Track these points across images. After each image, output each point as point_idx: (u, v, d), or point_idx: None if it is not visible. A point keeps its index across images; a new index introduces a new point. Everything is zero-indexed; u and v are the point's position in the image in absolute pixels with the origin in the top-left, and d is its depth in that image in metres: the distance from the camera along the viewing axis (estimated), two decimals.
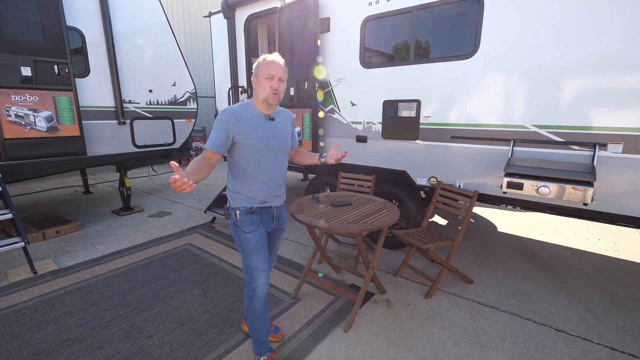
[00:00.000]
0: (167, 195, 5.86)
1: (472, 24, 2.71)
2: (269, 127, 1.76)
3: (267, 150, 1.75)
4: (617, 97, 2.23)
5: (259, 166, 1.76)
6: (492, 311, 2.53)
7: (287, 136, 1.87)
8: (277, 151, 1.80)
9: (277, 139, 1.79)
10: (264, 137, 1.74)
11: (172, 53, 4.69)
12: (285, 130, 1.85)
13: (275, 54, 1.74)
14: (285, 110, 1.91)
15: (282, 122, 1.84)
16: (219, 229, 4.18)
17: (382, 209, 2.48)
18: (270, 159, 1.78)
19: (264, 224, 1.83)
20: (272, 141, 1.77)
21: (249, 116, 1.72)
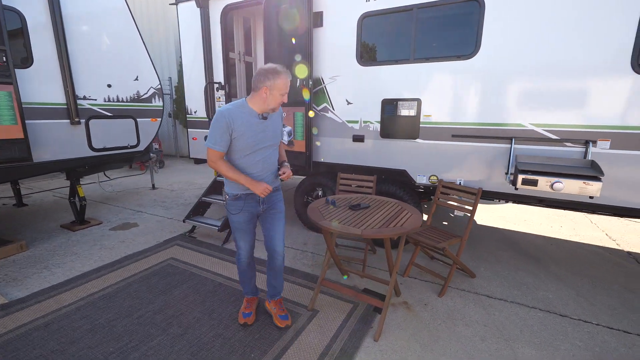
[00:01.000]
0: (126, 203, 5.18)
1: (474, 25, 2.79)
2: (261, 126, 1.98)
3: (258, 146, 1.99)
4: (605, 97, 2.45)
5: (249, 160, 2.00)
6: (502, 303, 2.64)
7: (278, 131, 2.10)
8: (267, 147, 2.04)
9: (269, 135, 2.02)
10: (256, 135, 1.96)
11: (133, 43, 4.13)
12: (275, 125, 2.07)
13: (287, 71, 1.93)
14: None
15: (273, 118, 2.06)
16: (201, 238, 3.79)
17: (401, 211, 2.43)
18: (260, 153, 2.02)
19: (247, 208, 2.11)
20: (263, 138, 1.99)
21: (244, 115, 1.92)
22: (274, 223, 2.20)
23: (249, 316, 2.33)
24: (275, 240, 2.21)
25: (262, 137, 1.99)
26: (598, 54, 2.42)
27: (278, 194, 2.23)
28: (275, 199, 2.20)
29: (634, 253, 3.63)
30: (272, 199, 2.17)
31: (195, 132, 4.66)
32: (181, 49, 4.50)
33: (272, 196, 2.17)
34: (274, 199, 2.19)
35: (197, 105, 4.56)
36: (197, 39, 4.28)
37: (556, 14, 2.49)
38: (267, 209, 2.17)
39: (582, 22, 2.43)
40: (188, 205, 5.07)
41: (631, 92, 2.37)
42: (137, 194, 5.72)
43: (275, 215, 2.19)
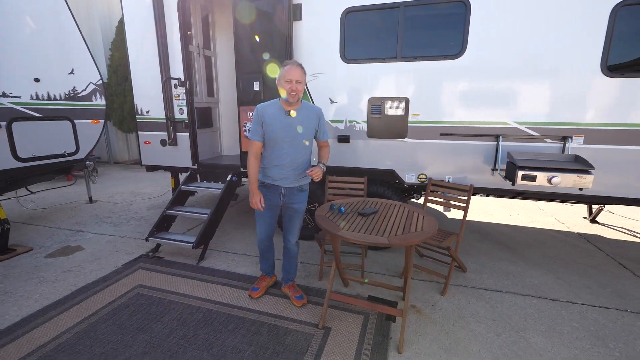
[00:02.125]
0: (59, 222, 4.30)
1: (460, 25, 2.83)
2: (287, 121, 2.19)
3: (282, 140, 2.20)
4: (578, 97, 2.68)
5: (276, 152, 2.24)
6: (499, 295, 2.74)
7: (308, 130, 2.24)
8: (292, 142, 2.20)
9: (294, 131, 2.19)
10: (282, 129, 2.19)
11: (66, 28, 3.41)
12: (305, 123, 2.22)
13: (293, 61, 2.20)
14: (311, 107, 2.30)
15: (303, 116, 2.22)
16: (169, 258, 3.28)
17: (411, 213, 2.35)
18: (285, 147, 2.22)
19: (268, 196, 2.33)
20: (288, 133, 2.19)
21: (274, 110, 2.21)
22: (290, 220, 2.44)
23: (255, 291, 2.61)
24: (289, 232, 2.47)
25: (287, 131, 2.19)
26: (573, 56, 2.62)
27: (301, 195, 2.38)
28: (296, 198, 2.36)
29: (583, 234, 4.12)
30: (293, 197, 2.34)
31: (149, 135, 4.05)
32: (127, 40, 3.85)
33: (294, 194, 2.34)
34: (295, 198, 2.35)
35: (149, 104, 3.97)
36: (148, 29, 3.70)
37: (537, 19, 2.64)
38: (288, 204, 2.36)
39: (560, 25, 2.61)
40: (141, 220, 4.41)
41: (600, 92, 2.62)
42: (71, 210, 4.80)
43: (293, 214, 2.41)
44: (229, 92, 4.71)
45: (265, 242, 2.57)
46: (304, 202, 2.47)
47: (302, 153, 2.31)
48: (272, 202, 2.36)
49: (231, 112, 4.78)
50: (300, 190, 2.40)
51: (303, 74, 2.16)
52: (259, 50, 3.35)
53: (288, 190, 2.33)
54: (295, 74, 2.11)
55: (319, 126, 2.33)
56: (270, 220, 2.47)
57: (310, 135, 2.31)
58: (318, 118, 2.29)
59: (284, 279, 2.66)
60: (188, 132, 3.89)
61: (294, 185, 2.34)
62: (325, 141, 2.38)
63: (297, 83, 2.12)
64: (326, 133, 2.37)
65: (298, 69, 2.14)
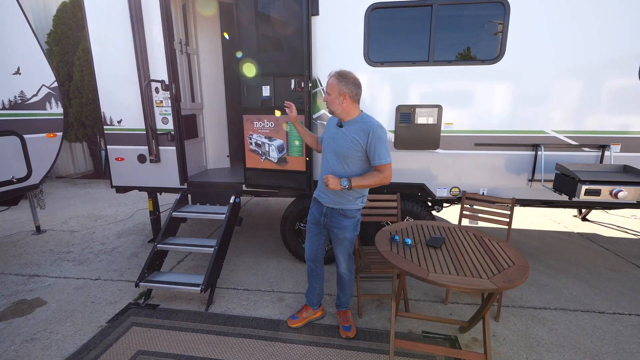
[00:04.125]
0: (1, 264, 3.34)
1: (499, 28, 2.63)
2: (335, 132, 2.05)
3: (326, 149, 2.10)
4: (615, 104, 2.62)
5: (322, 162, 2.16)
6: (550, 313, 2.59)
7: (347, 144, 1.96)
8: (331, 153, 2.04)
9: (335, 142, 2.02)
10: (328, 138, 2.09)
11: (9, 17, 2.58)
12: (346, 138, 1.96)
13: (334, 71, 1.98)
14: (365, 122, 1.95)
15: (348, 130, 1.98)
16: (166, 305, 2.65)
17: (483, 239, 2.08)
18: (324, 156, 2.12)
19: (314, 211, 2.24)
20: (331, 143, 2.05)
21: (332, 121, 2.11)
22: (335, 245, 2.22)
23: (295, 319, 2.40)
24: (337, 259, 2.24)
25: (330, 141, 2.06)
26: (614, 62, 2.55)
27: (343, 220, 2.10)
28: (337, 223, 2.11)
29: (583, 234, 4.24)
30: (334, 220, 2.12)
31: (121, 150, 3.32)
32: (89, 36, 3.07)
33: (335, 217, 2.11)
34: (336, 222, 2.12)
35: (121, 112, 3.24)
36: (118, 21, 2.99)
37: (581, 21, 2.52)
38: (329, 226, 2.17)
39: (602, 30, 2.52)
40: (114, 254, 3.62)
41: (638, 100, 2.58)
42: (14, 246, 3.80)
43: (335, 240, 2.19)
44: (213, 96, 4.09)
45: (310, 265, 2.36)
46: (347, 229, 2.12)
47: (342, 170, 2.01)
48: (316, 218, 2.21)
49: (216, 118, 4.17)
50: (343, 215, 2.10)
51: (334, 85, 1.93)
52: (270, 50, 2.86)
53: (329, 210, 2.13)
54: (326, 84, 2.01)
55: (368, 146, 1.91)
56: (315, 238, 2.27)
57: (354, 152, 1.96)
58: (367, 135, 1.90)
59: (336, 304, 2.46)
60: (174, 146, 3.24)
61: (334, 207, 2.09)
62: (378, 165, 1.91)
63: (327, 94, 1.98)
64: (379, 155, 1.89)
65: (329, 79, 1.98)
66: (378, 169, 1.94)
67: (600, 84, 2.61)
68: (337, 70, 1.96)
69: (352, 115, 1.98)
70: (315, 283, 2.38)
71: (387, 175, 1.93)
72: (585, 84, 2.63)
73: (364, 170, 2.01)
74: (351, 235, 2.13)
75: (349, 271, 2.26)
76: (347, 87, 1.91)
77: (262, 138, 3.00)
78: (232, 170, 4.10)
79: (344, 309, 2.41)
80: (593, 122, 2.67)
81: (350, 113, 1.97)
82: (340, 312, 2.42)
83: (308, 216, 2.30)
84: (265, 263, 3.39)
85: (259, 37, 2.85)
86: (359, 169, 1.99)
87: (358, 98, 1.96)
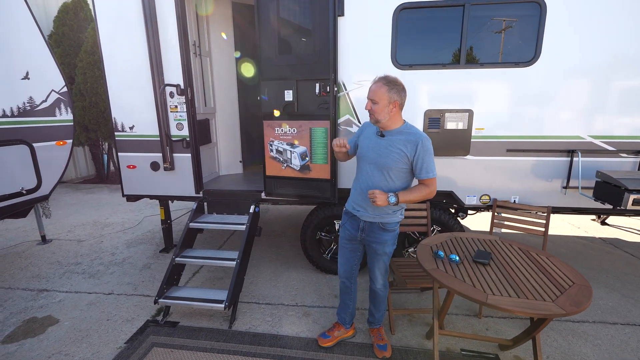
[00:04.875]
0: (8, 278, 3.18)
1: (534, 29, 2.51)
2: (375, 142, 1.90)
3: (364, 160, 1.94)
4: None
5: (358, 173, 2.02)
6: (590, 327, 2.48)
7: (392, 155, 1.82)
8: (372, 164, 1.89)
9: (375, 153, 1.87)
10: (366, 147, 1.93)
11: (17, 18, 2.43)
12: (391, 149, 1.83)
13: (381, 75, 1.86)
14: (412, 133, 1.83)
15: (393, 141, 1.84)
16: (186, 322, 2.51)
17: (530, 254, 1.96)
18: (363, 168, 1.96)
19: (348, 227, 2.08)
20: (370, 153, 1.90)
21: (370, 130, 1.96)
22: (371, 260, 2.09)
23: (325, 338, 2.26)
24: (372, 274, 2.12)
25: (369, 152, 1.91)
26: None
27: (383, 234, 1.96)
28: (376, 237, 1.97)
29: (605, 238, 4.14)
30: (373, 235, 1.98)
31: (133, 158, 3.17)
32: (99, 38, 2.93)
33: (374, 231, 1.97)
34: (375, 237, 1.97)
35: (134, 118, 3.09)
36: (131, 23, 2.85)
37: (621, 21, 2.41)
38: (367, 241, 2.03)
39: None
40: (125, 265, 3.47)
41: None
42: (19, 257, 3.64)
43: (373, 255, 2.05)
44: (226, 100, 3.95)
45: (344, 282, 2.22)
46: (387, 244, 1.99)
47: (384, 183, 1.88)
48: (352, 233, 2.07)
49: (229, 123, 4.02)
50: (383, 229, 1.96)
51: (383, 93, 1.77)
52: (292, 52, 2.72)
53: (367, 225, 1.99)
54: (370, 91, 1.83)
55: (415, 158, 1.79)
56: (350, 255, 2.13)
57: (399, 164, 1.83)
58: (415, 148, 1.78)
59: (369, 321, 2.34)
60: (190, 153, 3.10)
61: (374, 220, 1.95)
62: (424, 179, 1.81)
63: (372, 103, 1.82)
64: (427, 169, 1.79)
65: (374, 85, 1.83)
66: (424, 183, 1.82)
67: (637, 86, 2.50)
68: (382, 76, 1.82)
69: (396, 125, 1.85)
70: (349, 301, 2.24)
71: (434, 189, 1.81)
72: (624, 87, 2.52)
73: (407, 183, 1.89)
74: (390, 250, 2.01)
75: (385, 287, 2.13)
76: (398, 95, 1.78)
77: (284, 145, 2.87)
78: (245, 177, 3.96)
79: (377, 326, 2.28)
80: (631, 126, 2.57)
81: (396, 122, 1.85)
82: (373, 330, 2.29)
83: (340, 231, 2.16)
84: (284, 274, 3.25)
85: (281, 39, 2.71)
86: (402, 182, 1.87)
87: (404, 105, 1.84)
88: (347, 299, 2.25)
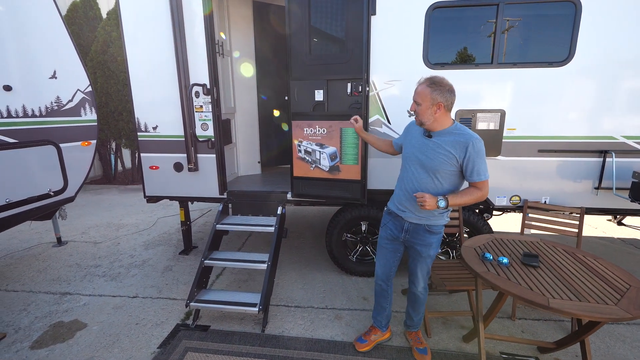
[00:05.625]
0: (28, 281, 3.12)
1: (568, 28, 2.50)
2: (421, 142, 1.86)
3: (410, 160, 1.91)
4: None
5: (403, 173, 1.99)
6: (626, 329, 2.46)
7: (440, 157, 1.78)
8: (418, 165, 1.86)
9: (422, 154, 1.84)
10: (411, 148, 1.91)
11: (45, 15, 2.38)
12: (438, 150, 1.78)
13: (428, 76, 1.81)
14: (462, 134, 1.76)
15: (440, 142, 1.79)
16: (217, 326, 2.46)
17: (574, 256, 1.93)
18: (407, 169, 1.93)
19: (391, 227, 2.05)
20: (417, 154, 1.86)
21: (416, 129, 1.93)
22: (414, 262, 2.05)
23: (362, 343, 2.23)
24: (413, 276, 2.08)
25: (415, 152, 1.87)
26: None
27: (428, 237, 1.92)
28: (421, 239, 1.93)
29: (625, 239, 4.14)
30: (417, 237, 1.94)
31: (156, 158, 3.12)
32: (123, 36, 2.88)
33: (419, 233, 1.93)
34: (419, 239, 1.94)
35: (157, 118, 3.05)
36: (156, 20, 2.80)
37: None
38: (410, 243, 1.99)
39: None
40: (145, 267, 3.42)
41: None
42: (36, 259, 3.58)
43: (416, 257, 2.01)
44: (245, 99, 3.91)
45: (381, 284, 2.18)
46: (432, 246, 1.95)
47: (431, 185, 1.83)
48: (394, 234, 2.03)
49: (249, 122, 3.99)
50: (429, 231, 1.92)
51: (426, 94, 1.74)
52: (323, 51, 2.69)
53: (412, 226, 1.95)
54: (415, 92, 1.83)
55: (465, 161, 1.74)
56: (390, 255, 2.10)
57: (447, 167, 1.78)
58: (465, 149, 1.72)
59: (406, 324, 2.30)
60: (214, 153, 3.05)
61: (419, 222, 1.91)
62: (475, 182, 1.75)
63: (416, 104, 1.80)
64: (478, 172, 1.73)
65: (419, 86, 1.81)
66: (475, 186, 1.77)
67: None
68: (428, 77, 1.78)
69: (444, 125, 1.80)
70: (385, 304, 2.21)
71: (486, 192, 1.77)
72: None
73: (455, 186, 1.85)
74: (434, 253, 1.97)
75: (425, 290, 2.10)
76: (442, 96, 1.72)
77: (313, 145, 2.83)
78: (264, 178, 3.92)
79: (415, 329, 2.25)
80: None
81: (443, 123, 1.79)
82: (411, 334, 2.26)
83: (381, 231, 2.13)
84: (309, 276, 3.22)
85: (312, 38, 2.68)
86: (450, 184, 1.83)
87: (452, 106, 1.80)
88: (384, 302, 2.21)
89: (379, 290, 2.21)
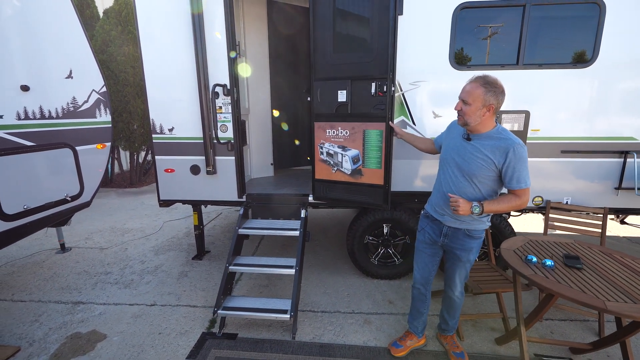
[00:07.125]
0: (36, 289, 2.96)
1: (592, 30, 2.52)
2: (460, 144, 1.82)
3: (448, 162, 1.87)
4: None
5: (440, 175, 1.94)
6: None
7: (477, 162, 1.73)
8: (456, 168, 1.81)
9: (460, 157, 1.80)
10: (449, 149, 1.88)
11: (61, 12, 2.27)
12: (477, 154, 1.73)
13: (478, 75, 1.74)
14: (503, 139, 1.69)
15: (480, 146, 1.74)
16: (245, 333, 2.39)
17: (613, 255, 1.94)
18: (445, 172, 1.89)
19: (429, 231, 2.01)
20: (455, 157, 1.82)
21: (457, 129, 1.89)
22: (452, 266, 2.00)
23: (398, 348, 2.20)
24: (450, 281, 2.03)
25: (453, 154, 1.84)
26: None
27: (468, 241, 1.88)
28: (461, 243, 1.89)
29: (631, 237, 4.23)
30: (457, 241, 1.90)
31: (172, 161, 3.02)
32: (139, 35, 2.77)
33: (459, 238, 1.89)
34: (459, 243, 1.89)
35: (174, 119, 2.95)
36: (175, 19, 2.71)
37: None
38: (449, 247, 1.95)
39: None
40: (159, 273, 3.30)
41: None
42: (40, 267, 3.41)
43: (455, 261, 1.96)
44: (259, 100, 3.83)
45: (419, 288, 2.13)
46: (472, 251, 1.92)
47: (469, 190, 1.79)
48: (432, 238, 1.99)
49: (262, 124, 3.91)
50: (468, 235, 1.88)
51: (478, 95, 1.66)
52: (348, 51, 2.64)
53: (452, 231, 1.91)
54: (463, 91, 1.75)
55: (505, 167, 1.66)
56: (429, 259, 2.06)
57: (485, 172, 1.72)
58: (506, 155, 1.65)
59: (441, 328, 2.26)
60: (234, 155, 2.97)
61: (459, 227, 1.87)
62: (515, 189, 1.68)
63: (463, 103, 1.72)
64: (518, 179, 1.65)
65: (469, 84, 1.72)
66: (515, 193, 1.69)
67: None
68: (480, 76, 1.70)
69: (486, 128, 1.74)
70: (423, 309, 2.17)
71: (526, 200, 1.69)
72: None
73: (493, 191, 1.78)
74: (474, 257, 1.95)
75: (462, 294, 2.07)
76: (496, 98, 1.65)
77: (335, 147, 2.79)
78: (276, 180, 3.85)
79: (450, 333, 2.22)
80: None
81: (487, 125, 1.74)
82: (446, 338, 2.23)
83: (418, 234, 2.09)
84: (330, 280, 3.16)
85: (336, 37, 2.63)
86: (488, 190, 1.77)
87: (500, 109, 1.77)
88: (422, 307, 2.18)
89: (417, 294, 2.17)
